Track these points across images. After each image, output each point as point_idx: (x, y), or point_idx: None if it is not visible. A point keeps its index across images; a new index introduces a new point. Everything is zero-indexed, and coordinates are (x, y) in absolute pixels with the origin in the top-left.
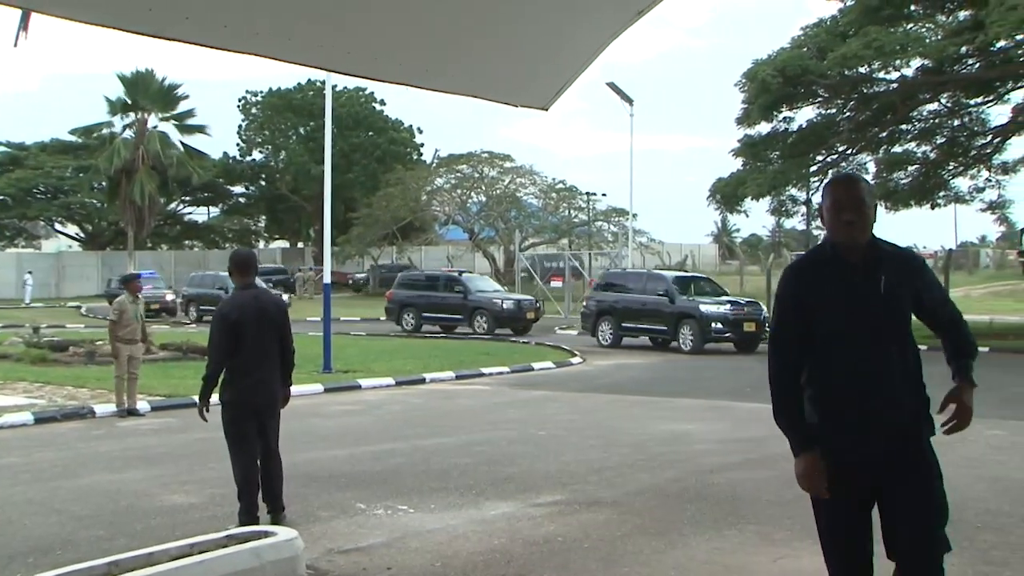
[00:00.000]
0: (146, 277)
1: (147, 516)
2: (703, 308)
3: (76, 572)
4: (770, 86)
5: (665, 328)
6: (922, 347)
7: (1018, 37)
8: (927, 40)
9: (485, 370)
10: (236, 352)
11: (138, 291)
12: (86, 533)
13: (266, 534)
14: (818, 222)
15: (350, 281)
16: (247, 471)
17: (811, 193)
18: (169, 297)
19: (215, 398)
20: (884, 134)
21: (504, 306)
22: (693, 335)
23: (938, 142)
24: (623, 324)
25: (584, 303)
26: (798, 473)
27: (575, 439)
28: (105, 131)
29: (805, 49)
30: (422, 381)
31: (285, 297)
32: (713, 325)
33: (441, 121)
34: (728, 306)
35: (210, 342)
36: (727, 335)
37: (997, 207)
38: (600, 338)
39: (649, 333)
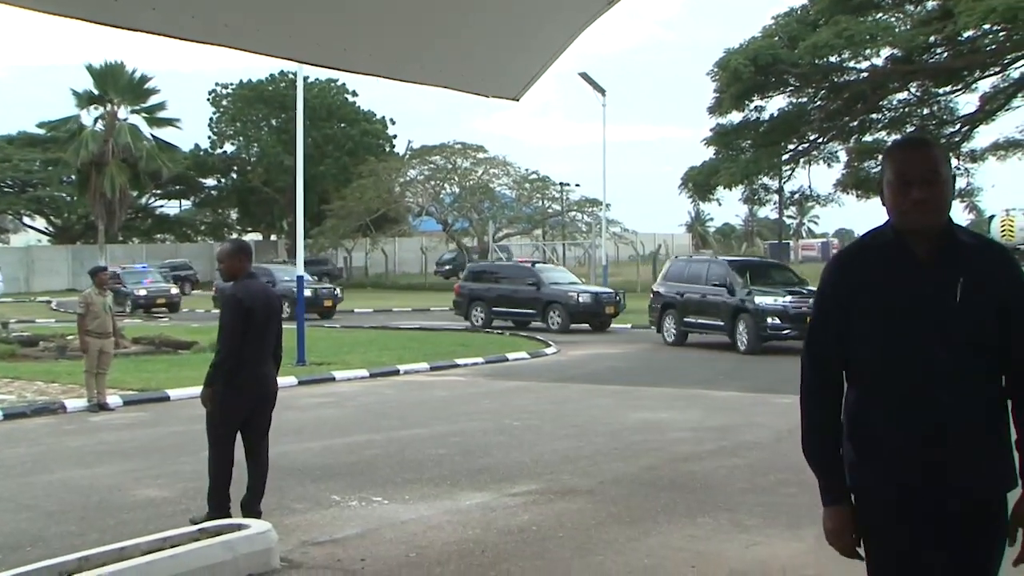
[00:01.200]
0: (139, 271)
1: (119, 511)
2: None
3: (46, 568)
4: (742, 75)
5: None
6: None
7: (985, 27)
8: (896, 29)
9: (459, 361)
10: (242, 342)
11: (105, 283)
12: (57, 529)
13: (239, 527)
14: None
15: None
16: (224, 470)
17: (783, 181)
18: (174, 291)
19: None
20: (855, 123)
21: (580, 300)
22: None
23: (908, 131)
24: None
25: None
26: (826, 528)
27: (549, 429)
28: (73, 124)
29: (776, 38)
30: (396, 372)
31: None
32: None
33: (414, 112)
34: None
35: (222, 328)
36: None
37: (966, 195)
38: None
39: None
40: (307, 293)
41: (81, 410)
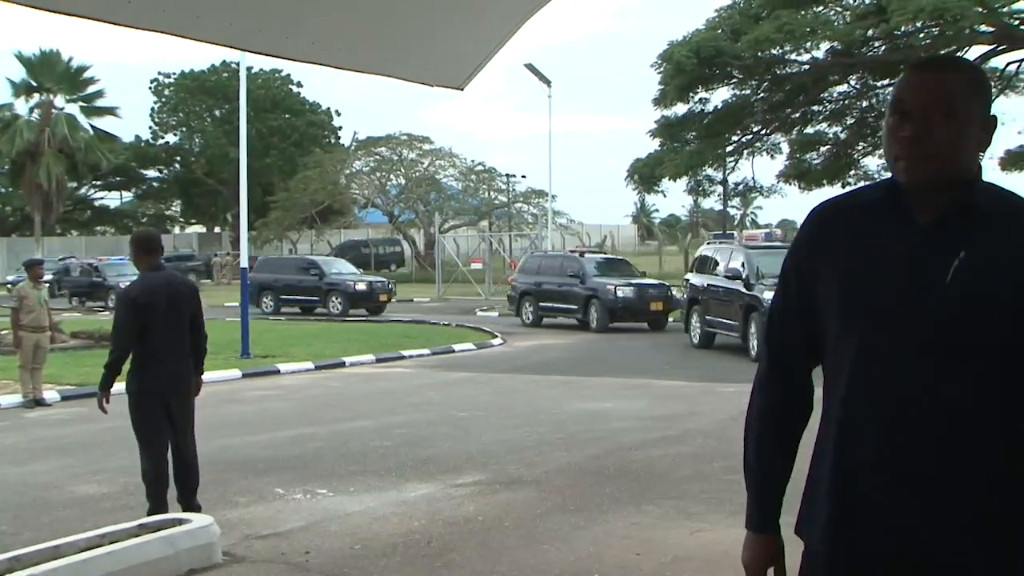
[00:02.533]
0: (118, 263)
1: (55, 508)
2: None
3: None
4: (685, 67)
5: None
6: None
7: (918, 23)
8: (835, 24)
9: (406, 353)
10: (146, 339)
11: (40, 277)
12: None
13: (180, 521)
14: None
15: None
16: (156, 466)
17: (727, 173)
18: None
19: (121, 387)
20: (797, 115)
21: (619, 294)
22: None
23: (848, 123)
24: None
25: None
26: (742, 558)
27: (495, 420)
28: (7, 113)
29: (720, 31)
30: (342, 365)
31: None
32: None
33: (359, 104)
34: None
35: (115, 327)
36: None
37: None
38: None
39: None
40: (361, 287)
41: (16, 406)
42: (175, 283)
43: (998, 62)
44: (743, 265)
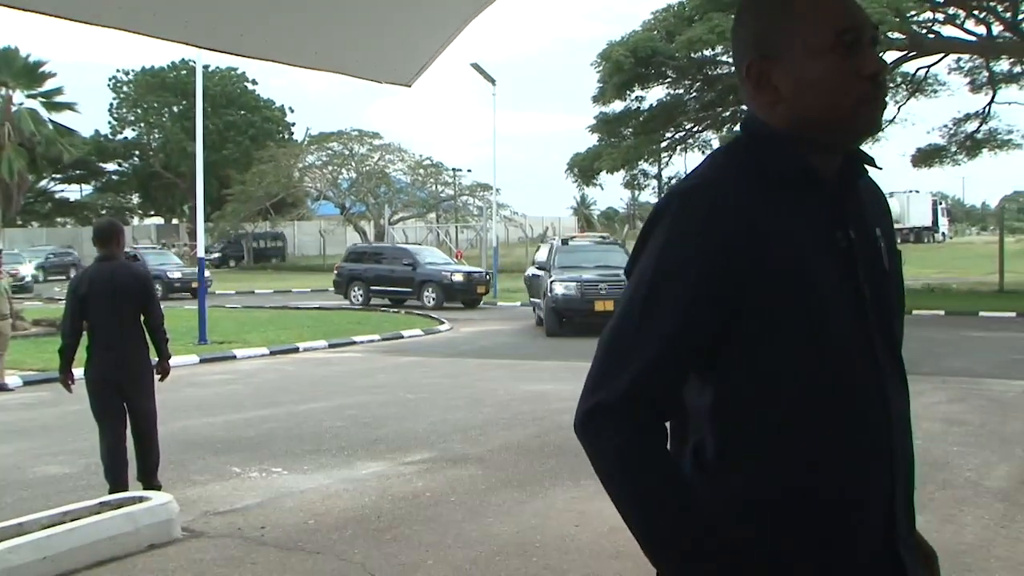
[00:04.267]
0: (159, 250)
1: (18, 488)
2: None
3: None
4: (623, 66)
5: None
6: (937, 312)
7: None
8: None
9: (357, 338)
10: (91, 327)
11: (0, 267)
12: None
13: (140, 499)
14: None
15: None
16: (111, 449)
17: (661, 167)
18: (207, 273)
19: (80, 373)
20: (727, 113)
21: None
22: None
23: None
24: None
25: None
26: None
27: (442, 401)
28: None
29: (655, 32)
30: (296, 350)
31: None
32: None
33: (312, 100)
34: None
35: (62, 316)
36: None
37: None
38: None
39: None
40: (458, 278)
41: None
42: (120, 273)
43: (909, 67)
44: (547, 257)
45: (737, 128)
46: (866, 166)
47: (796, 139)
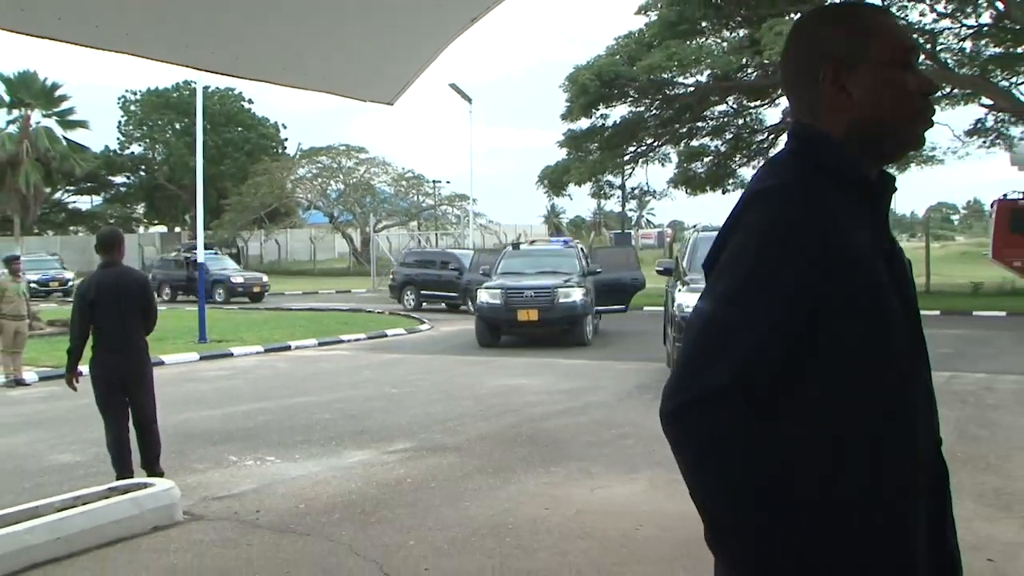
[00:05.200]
0: (214, 257)
1: (35, 475)
2: None
3: None
4: (588, 88)
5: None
6: (999, 313)
7: None
8: (716, 52)
9: (344, 337)
10: (97, 328)
11: (19, 271)
12: None
13: (145, 485)
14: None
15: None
16: (117, 439)
17: (625, 179)
18: (265, 278)
19: (86, 370)
20: (684, 130)
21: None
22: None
23: (727, 137)
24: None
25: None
26: None
27: (423, 395)
28: None
29: (618, 56)
30: (288, 348)
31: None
32: None
33: (302, 118)
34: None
35: (71, 319)
36: None
37: None
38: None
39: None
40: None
41: None
42: (124, 278)
43: None
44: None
45: (693, 142)
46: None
47: (852, 147)
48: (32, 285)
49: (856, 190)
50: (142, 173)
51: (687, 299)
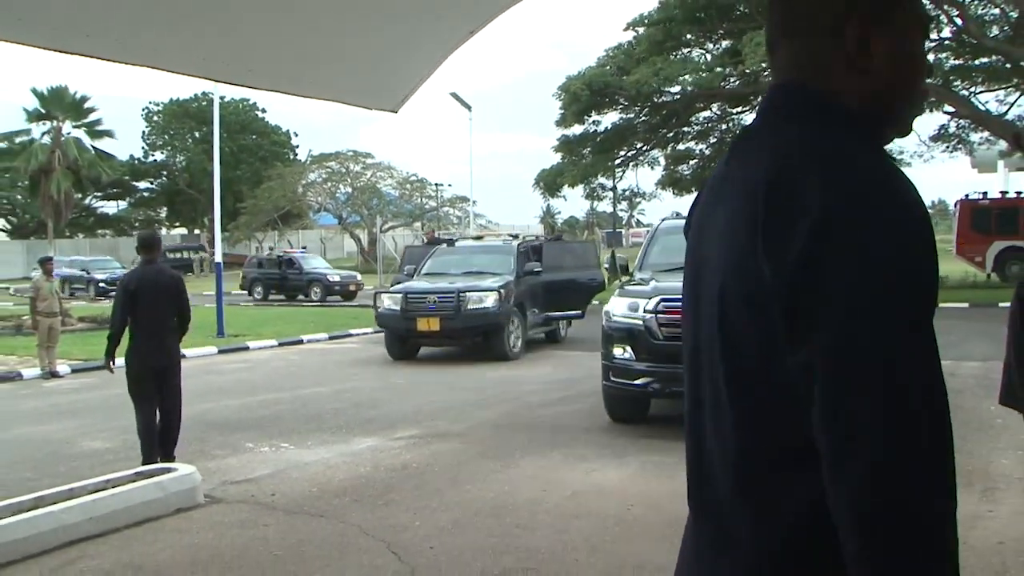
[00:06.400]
0: (307, 256)
1: (69, 460)
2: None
3: (6, 507)
4: (580, 97)
5: None
6: (962, 305)
7: (763, 64)
8: (699, 62)
9: (353, 331)
10: (135, 318)
11: (51, 271)
12: (15, 476)
13: (169, 470)
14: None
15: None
16: (146, 424)
17: (616, 181)
18: (359, 277)
19: (121, 360)
20: (671, 134)
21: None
22: None
23: (711, 141)
24: None
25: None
26: None
27: (427, 385)
28: (25, 137)
29: (608, 67)
30: (300, 342)
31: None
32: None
33: (312, 126)
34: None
35: (113, 308)
36: None
37: None
38: None
39: None
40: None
41: (35, 378)
42: (163, 275)
43: None
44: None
45: (679, 146)
46: None
47: (866, 118)
48: (101, 284)
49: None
50: (164, 179)
51: (616, 305)
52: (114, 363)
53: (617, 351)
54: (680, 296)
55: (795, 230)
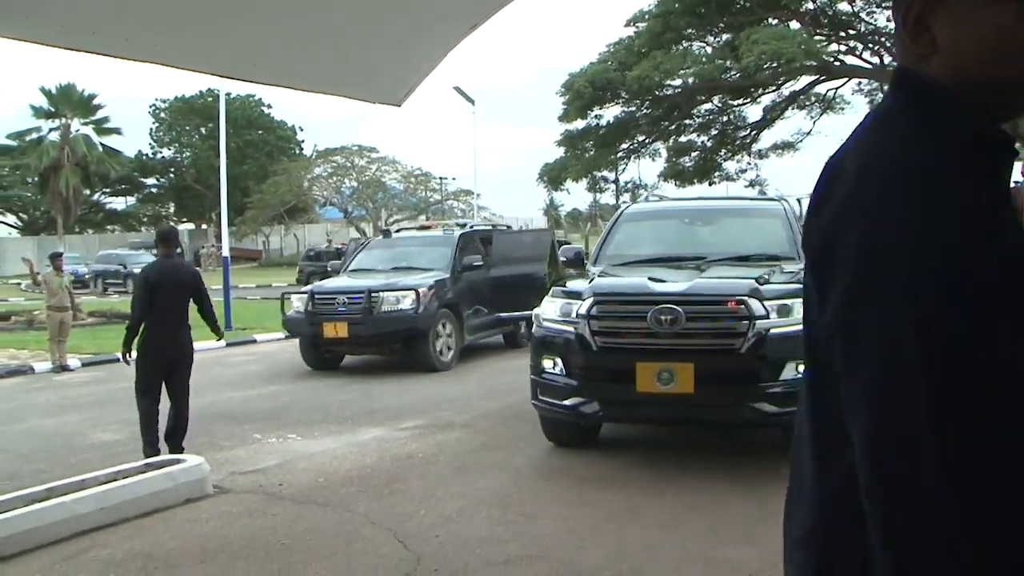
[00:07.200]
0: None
1: (80, 451)
2: None
3: (19, 497)
4: (583, 94)
5: None
6: None
7: (760, 60)
8: (700, 55)
9: None
10: (152, 310)
11: (61, 267)
12: (28, 467)
13: (178, 461)
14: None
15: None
16: (147, 415)
17: (618, 174)
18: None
19: (134, 352)
20: (673, 127)
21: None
22: None
23: (713, 133)
24: None
25: None
26: None
27: (430, 377)
28: (34, 135)
29: (609, 63)
30: None
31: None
32: None
33: (317, 121)
34: None
35: (132, 299)
36: None
37: (756, 184)
38: None
39: None
40: None
41: (46, 371)
42: (180, 269)
43: (821, 89)
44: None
45: (681, 139)
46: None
47: (966, 100)
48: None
49: (977, 153)
50: (171, 175)
51: (547, 308)
52: (130, 355)
53: (547, 363)
54: (624, 296)
55: (823, 216)
